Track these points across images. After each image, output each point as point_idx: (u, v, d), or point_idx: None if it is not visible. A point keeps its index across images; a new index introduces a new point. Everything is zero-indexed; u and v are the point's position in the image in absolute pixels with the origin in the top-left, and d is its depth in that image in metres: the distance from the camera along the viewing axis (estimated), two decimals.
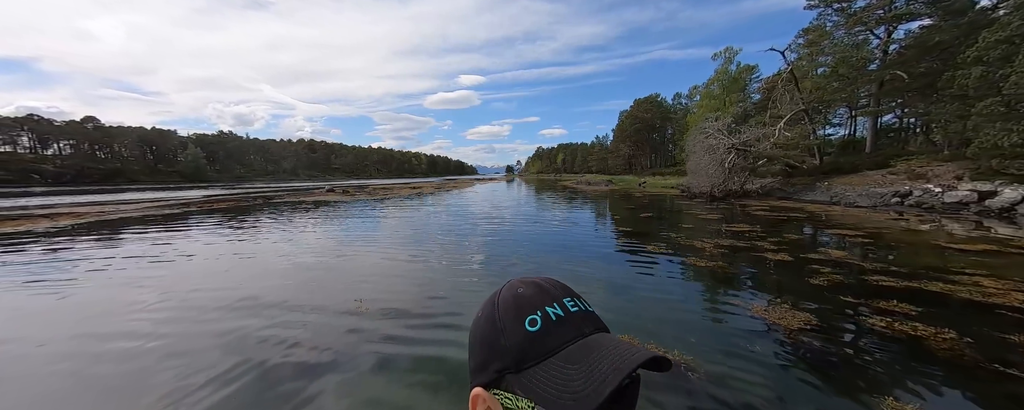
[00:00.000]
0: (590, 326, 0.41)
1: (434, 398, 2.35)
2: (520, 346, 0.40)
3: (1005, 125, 11.25)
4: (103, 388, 2.55)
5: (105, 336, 3.33)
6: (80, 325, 3.58)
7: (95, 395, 2.47)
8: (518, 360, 0.39)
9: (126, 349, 3.07)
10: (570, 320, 0.41)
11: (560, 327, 0.40)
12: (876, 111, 20.61)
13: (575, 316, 0.42)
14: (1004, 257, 5.61)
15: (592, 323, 0.42)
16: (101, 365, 2.83)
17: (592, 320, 0.43)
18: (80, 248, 7.47)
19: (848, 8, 19.34)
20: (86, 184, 56.17)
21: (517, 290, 0.44)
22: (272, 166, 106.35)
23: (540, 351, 0.39)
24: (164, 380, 2.59)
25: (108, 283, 4.98)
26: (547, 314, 0.41)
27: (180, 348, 3.06)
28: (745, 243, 7.03)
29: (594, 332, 0.41)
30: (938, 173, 13.74)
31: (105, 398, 2.44)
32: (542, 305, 0.42)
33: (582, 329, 0.41)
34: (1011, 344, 2.87)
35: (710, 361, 2.72)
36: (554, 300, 0.43)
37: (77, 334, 3.38)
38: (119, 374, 2.71)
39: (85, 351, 3.05)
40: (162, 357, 2.92)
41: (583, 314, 0.43)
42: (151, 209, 16.21)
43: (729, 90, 33.15)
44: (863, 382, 2.46)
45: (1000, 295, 3.88)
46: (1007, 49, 11.75)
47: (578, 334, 0.40)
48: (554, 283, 0.46)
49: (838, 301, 3.86)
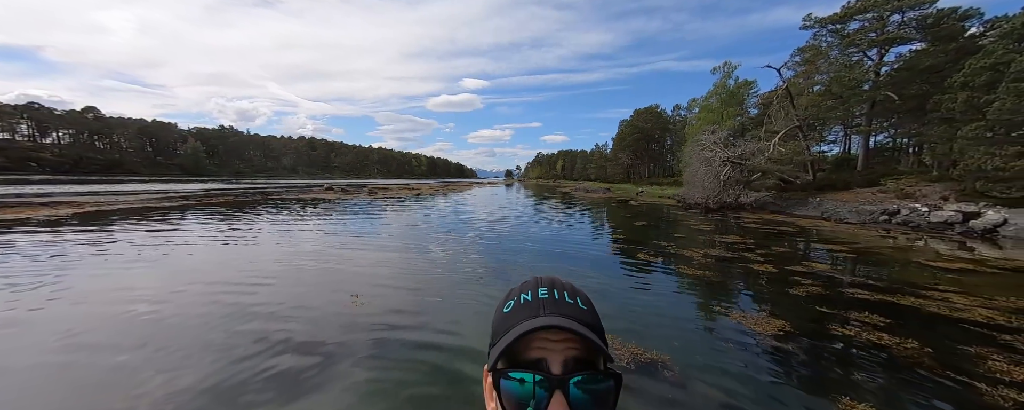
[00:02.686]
0: (550, 310, 0.43)
1: (432, 398, 2.46)
2: (495, 326, 0.47)
3: (989, 149, 11.63)
4: (92, 383, 2.48)
5: (97, 328, 3.31)
6: (71, 317, 3.55)
7: (83, 391, 2.41)
8: (493, 334, 0.47)
9: (116, 342, 3.03)
10: (533, 303, 0.45)
11: (524, 309, 0.45)
12: (868, 130, 21.08)
13: (540, 301, 0.45)
14: (978, 276, 5.85)
15: (554, 308, 0.44)
16: (92, 357, 2.78)
17: (556, 307, 0.44)
18: (77, 238, 7.59)
19: (842, 29, 19.92)
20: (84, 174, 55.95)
21: (521, 283, 0.50)
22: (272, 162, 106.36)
23: (504, 328, 0.44)
24: (151, 376, 2.54)
25: (102, 274, 5.04)
26: (519, 299, 0.47)
27: (171, 343, 3.02)
28: (734, 254, 7.25)
29: (551, 315, 0.43)
30: (926, 193, 14.10)
31: (93, 393, 2.38)
32: (520, 292, 0.47)
33: (538, 311, 0.43)
34: (967, 355, 3.08)
35: (687, 362, 2.91)
36: (531, 288, 0.47)
37: (68, 327, 3.31)
38: (108, 368, 2.66)
39: (76, 343, 3.00)
40: (152, 352, 2.88)
41: (551, 301, 0.45)
42: (150, 201, 16.31)
43: (727, 104, 33.68)
44: (824, 384, 2.66)
45: (966, 311, 4.10)
46: (991, 76, 12.19)
47: (533, 315, 0.43)
48: (549, 279, 0.49)
49: (813, 311, 4.08)
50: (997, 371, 2.80)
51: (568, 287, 0.48)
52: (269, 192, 25.44)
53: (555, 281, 0.49)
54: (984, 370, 2.82)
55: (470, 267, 5.91)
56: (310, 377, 2.60)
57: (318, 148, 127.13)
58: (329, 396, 2.41)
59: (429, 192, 31.76)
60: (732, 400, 2.43)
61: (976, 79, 12.72)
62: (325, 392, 2.44)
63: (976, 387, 2.59)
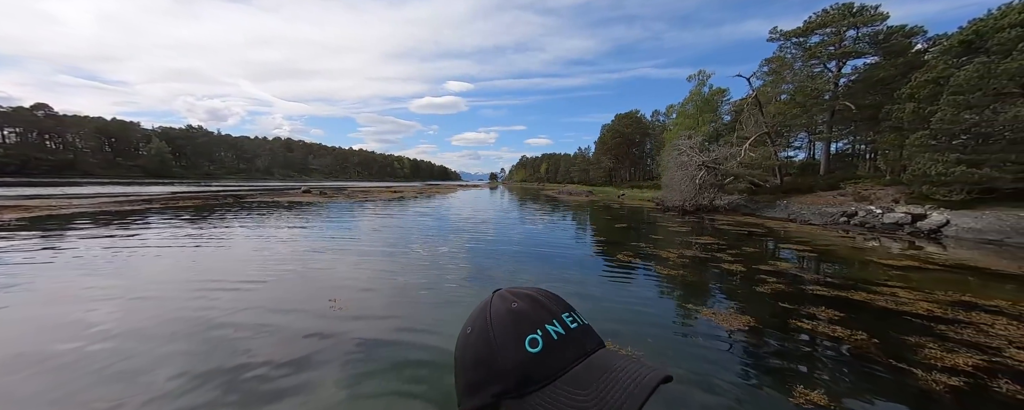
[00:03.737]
0: (592, 343, 0.39)
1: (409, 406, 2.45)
2: (521, 368, 0.37)
3: (933, 155, 12.70)
4: (42, 402, 2.29)
5: (49, 342, 3.05)
6: (22, 332, 3.28)
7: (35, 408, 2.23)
8: (520, 383, 0.36)
9: (71, 359, 2.79)
10: (572, 338, 0.39)
11: (563, 347, 0.38)
12: (829, 137, 22.54)
13: (576, 333, 0.39)
14: (922, 272, 6.38)
15: (593, 339, 0.40)
16: (41, 376, 2.57)
17: (591, 335, 0.40)
18: (26, 245, 7.06)
19: (804, 43, 21.29)
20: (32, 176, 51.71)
21: (511, 304, 0.41)
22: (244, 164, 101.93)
23: (544, 374, 0.36)
24: (112, 393, 2.38)
25: (55, 285, 4.66)
26: (548, 332, 0.38)
27: (132, 359, 2.81)
28: (707, 254, 7.59)
29: (596, 349, 0.39)
30: (880, 196, 15.21)
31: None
32: (541, 323, 0.39)
33: (585, 347, 0.38)
34: (908, 344, 3.38)
35: (660, 355, 3.06)
36: (553, 317, 0.40)
37: (18, 342, 3.08)
38: (59, 385, 2.45)
39: (25, 358, 2.79)
40: (111, 365, 2.69)
41: (582, 329, 0.40)
42: (109, 204, 15.29)
43: (702, 110, 35.16)
44: (783, 374, 2.86)
45: (910, 304, 4.49)
46: (934, 89, 13.34)
47: (581, 353, 0.38)
48: (549, 296, 0.43)
49: (776, 306, 4.34)
50: (932, 358, 3.09)
51: (570, 304, 0.43)
52: (241, 195, 24.38)
53: (563, 301, 0.43)
54: (921, 357, 3.11)
55: (453, 270, 5.91)
56: (286, 384, 2.55)
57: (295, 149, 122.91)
58: (305, 402, 2.38)
59: (412, 195, 31.34)
60: (697, 391, 2.57)
61: (921, 91, 13.89)
62: (301, 397, 2.40)
63: (913, 373, 2.85)
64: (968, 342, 3.41)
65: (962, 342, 3.41)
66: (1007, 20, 12.41)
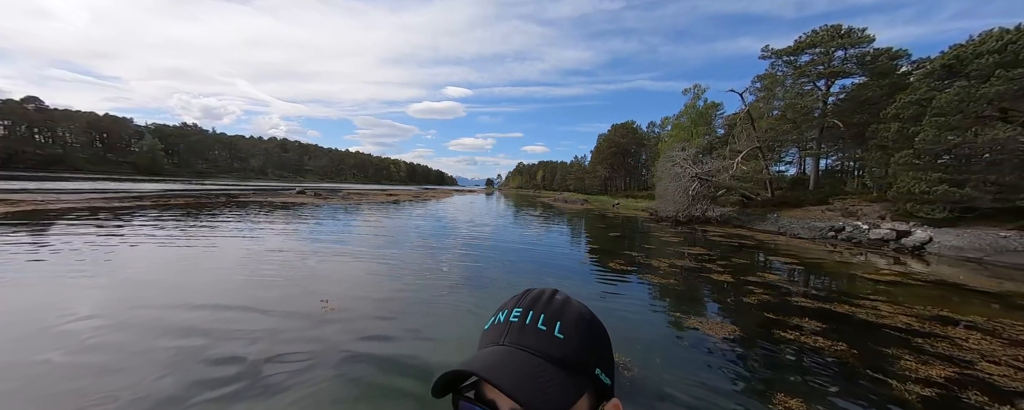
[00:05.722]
0: (512, 338, 0.41)
1: (399, 403, 2.48)
2: (480, 338, 0.45)
3: (916, 174, 13.09)
4: (20, 401, 2.24)
5: (31, 348, 2.90)
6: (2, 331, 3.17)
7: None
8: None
9: (56, 362, 2.72)
10: (501, 327, 0.43)
11: (492, 331, 0.43)
12: (818, 153, 23.09)
13: (508, 325, 0.42)
14: (904, 287, 6.56)
15: (517, 337, 0.41)
16: (20, 375, 2.50)
17: (521, 335, 0.41)
18: (11, 242, 6.95)
19: (795, 61, 21.96)
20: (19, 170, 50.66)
21: (514, 295, 0.47)
22: (239, 164, 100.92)
23: (479, 346, 0.44)
24: (96, 393, 2.34)
25: (41, 284, 4.53)
26: (496, 318, 0.45)
27: (118, 362, 2.74)
28: (698, 264, 7.72)
29: (509, 345, 0.40)
30: (866, 212, 15.57)
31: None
32: (503, 308, 0.45)
33: (500, 338, 0.41)
34: (885, 355, 3.50)
35: (646, 363, 3.13)
36: (509, 307, 0.44)
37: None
38: (39, 385, 2.41)
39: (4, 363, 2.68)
40: (97, 371, 2.61)
41: (518, 327, 0.41)
42: (98, 201, 15.06)
43: (696, 123, 35.81)
44: (764, 382, 2.95)
45: (890, 317, 4.63)
46: (917, 109, 13.82)
47: (494, 341, 0.41)
48: (535, 296, 0.45)
49: (761, 317, 4.45)
50: (907, 369, 3.21)
51: (553, 308, 0.43)
52: (235, 194, 24.15)
53: (538, 300, 0.44)
54: (897, 368, 3.22)
55: (446, 274, 5.94)
56: (276, 384, 2.57)
57: (291, 150, 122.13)
58: (296, 402, 2.40)
59: (407, 198, 31.29)
60: (680, 396, 2.65)
61: (905, 112, 14.38)
62: (291, 397, 2.43)
63: (889, 383, 2.96)
64: (943, 355, 3.54)
65: (937, 354, 3.54)
66: (986, 47, 12.97)
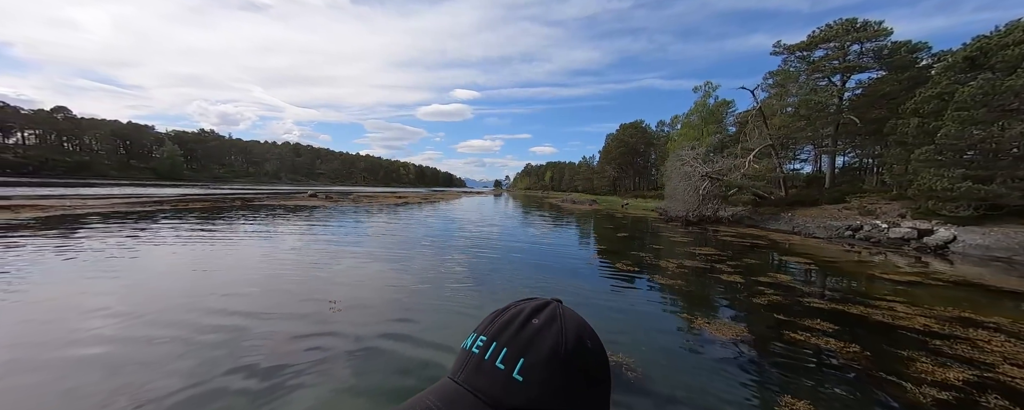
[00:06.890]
0: (465, 375, 0.39)
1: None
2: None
3: (938, 171, 12.62)
4: (42, 401, 2.32)
5: (51, 343, 3.07)
6: (24, 330, 3.32)
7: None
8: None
9: (76, 356, 2.85)
10: (461, 355, 0.41)
11: (458, 357, 0.41)
12: (834, 150, 22.46)
13: (466, 356, 0.40)
14: (924, 288, 6.34)
15: (472, 375, 0.38)
16: (43, 374, 2.59)
17: (476, 374, 0.38)
18: (40, 243, 7.31)
19: (808, 56, 21.44)
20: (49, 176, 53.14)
21: (497, 309, 0.45)
22: (253, 168, 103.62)
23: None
24: (111, 391, 2.42)
25: (65, 283, 4.78)
26: (466, 340, 0.42)
27: (136, 356, 2.86)
28: (707, 265, 7.60)
29: (461, 384, 0.38)
30: (885, 210, 15.06)
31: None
32: (475, 330, 0.42)
33: (457, 372, 0.40)
34: (900, 358, 3.40)
35: (650, 364, 3.11)
36: (477, 330, 0.42)
37: (20, 340, 3.12)
38: (58, 382, 2.50)
39: (28, 358, 2.81)
40: (115, 366, 2.71)
41: (475, 362, 0.39)
42: (120, 205, 15.69)
43: (707, 121, 35.24)
44: (771, 384, 2.90)
45: (907, 319, 4.48)
46: (938, 104, 13.33)
47: (454, 372, 0.40)
48: (506, 320, 0.41)
49: (771, 318, 4.37)
50: (923, 372, 3.11)
51: (521, 339, 0.39)
52: (249, 198, 24.82)
53: (508, 326, 0.40)
54: (912, 371, 3.13)
55: (455, 274, 6.01)
56: (285, 384, 2.66)
57: (303, 154, 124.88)
58: (305, 403, 2.48)
59: (416, 201, 31.62)
60: (685, 398, 2.63)
61: (925, 107, 13.88)
62: (300, 397, 2.51)
63: (902, 386, 2.88)
64: (962, 357, 3.42)
65: (956, 357, 3.42)
66: (1012, 38, 12.44)
